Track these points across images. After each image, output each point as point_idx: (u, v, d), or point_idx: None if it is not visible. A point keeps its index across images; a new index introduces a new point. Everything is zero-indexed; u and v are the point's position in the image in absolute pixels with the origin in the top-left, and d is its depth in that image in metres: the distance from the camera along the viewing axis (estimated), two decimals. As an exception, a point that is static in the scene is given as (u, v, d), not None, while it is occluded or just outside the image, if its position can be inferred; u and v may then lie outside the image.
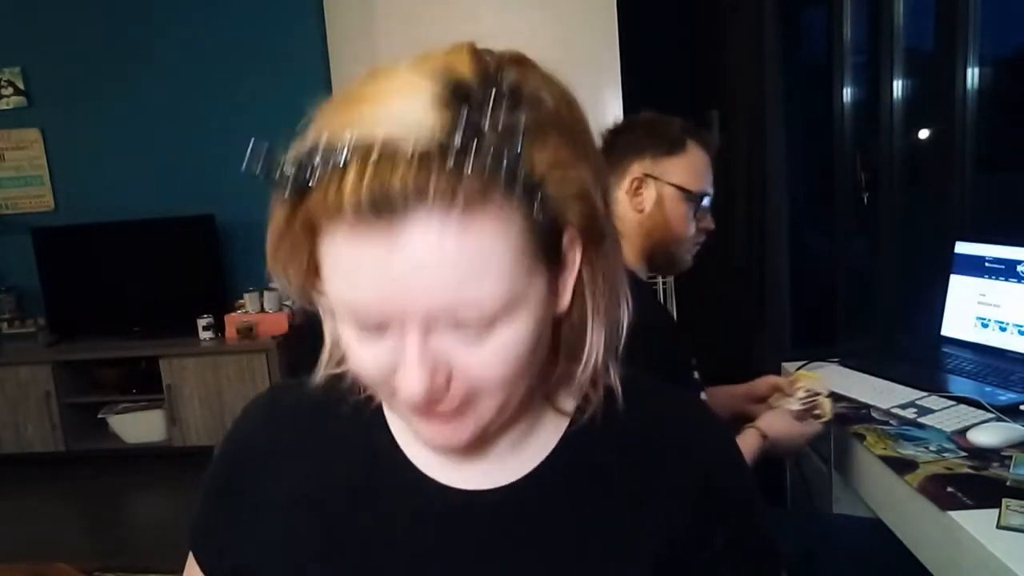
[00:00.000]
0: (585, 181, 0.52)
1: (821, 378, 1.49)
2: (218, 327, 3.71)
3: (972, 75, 2.02)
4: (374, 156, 0.46)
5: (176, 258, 3.88)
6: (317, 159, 0.47)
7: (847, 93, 2.74)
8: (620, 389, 0.62)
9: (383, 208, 0.46)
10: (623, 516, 0.63)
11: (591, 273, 0.56)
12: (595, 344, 0.58)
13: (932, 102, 2.22)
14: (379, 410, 0.66)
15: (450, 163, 0.46)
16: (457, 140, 0.46)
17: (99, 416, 3.72)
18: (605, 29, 3.26)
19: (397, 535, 0.62)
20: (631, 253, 1.37)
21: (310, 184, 0.48)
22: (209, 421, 3.58)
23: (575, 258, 0.55)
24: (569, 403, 0.64)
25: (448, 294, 0.49)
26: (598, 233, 0.55)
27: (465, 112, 0.47)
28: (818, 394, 1.43)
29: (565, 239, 0.54)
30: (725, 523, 0.65)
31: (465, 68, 0.50)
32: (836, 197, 2.82)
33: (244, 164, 0.50)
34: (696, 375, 1.36)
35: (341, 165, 0.47)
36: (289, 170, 0.49)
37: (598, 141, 0.70)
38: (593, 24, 3.26)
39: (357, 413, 0.65)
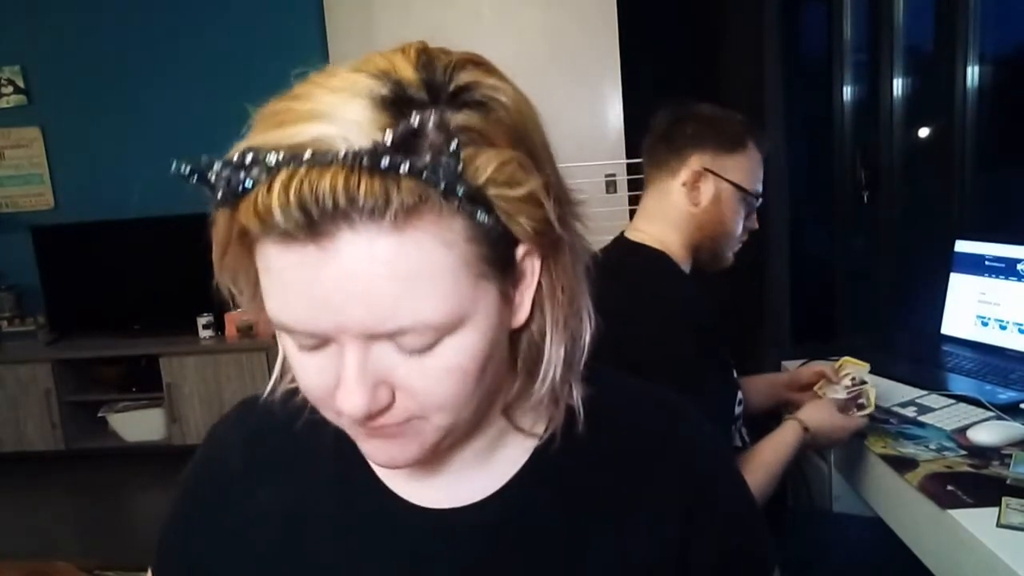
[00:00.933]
0: (535, 188, 0.49)
1: (866, 366, 1.46)
2: (218, 325, 3.71)
3: (972, 74, 2.01)
4: (304, 158, 0.43)
5: (176, 256, 3.85)
6: (248, 161, 0.44)
7: (847, 92, 2.74)
8: (582, 410, 0.59)
9: (311, 215, 0.43)
10: (606, 530, 0.61)
11: (550, 284, 0.54)
12: (554, 359, 0.55)
13: (932, 100, 2.22)
14: None
15: (384, 165, 0.43)
16: (391, 141, 0.43)
17: (99, 414, 3.72)
18: (605, 29, 3.25)
19: (371, 555, 0.62)
20: (678, 246, 1.36)
21: (241, 190, 0.45)
22: (209, 420, 3.56)
23: (533, 269, 0.53)
24: (532, 422, 0.62)
25: (384, 310, 0.46)
26: (552, 242, 0.52)
27: (403, 113, 0.45)
28: (864, 383, 1.40)
29: (520, 250, 0.51)
30: (715, 534, 0.63)
31: (409, 69, 0.48)
32: (836, 196, 2.82)
33: (172, 167, 0.47)
34: (735, 373, 1.35)
35: (271, 169, 0.44)
36: (221, 175, 0.45)
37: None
38: (593, 24, 3.26)
39: (328, 429, 0.62)
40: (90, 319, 3.93)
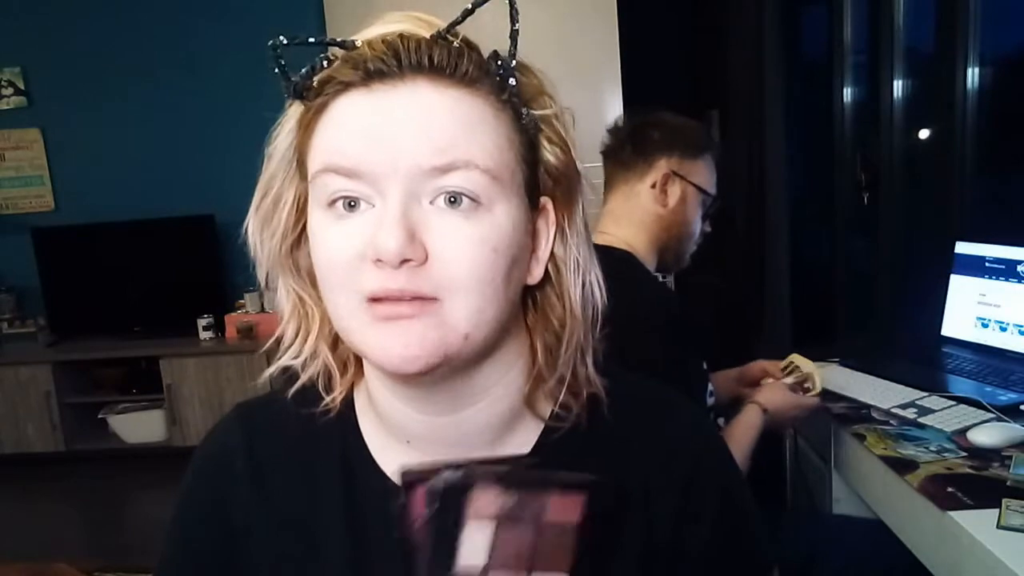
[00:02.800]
0: (556, 110, 0.59)
1: (811, 363, 1.54)
2: (218, 327, 3.71)
3: (972, 75, 2.02)
4: (388, 33, 0.54)
5: (176, 258, 3.88)
6: (334, 49, 0.55)
7: (847, 93, 2.74)
8: (604, 394, 0.62)
9: (400, 59, 0.52)
10: (604, 517, 0.62)
11: (563, 245, 0.60)
12: (569, 322, 0.60)
13: (932, 102, 2.23)
14: (354, 425, 0.65)
15: (455, 45, 0.54)
16: (458, 40, 0.54)
17: (99, 416, 3.72)
18: (605, 29, 3.25)
19: (381, 549, 0.62)
20: (645, 247, 1.41)
21: (325, 66, 0.54)
22: (209, 421, 3.56)
23: (548, 224, 0.59)
24: (545, 407, 0.63)
25: (442, 141, 0.52)
26: (567, 182, 0.59)
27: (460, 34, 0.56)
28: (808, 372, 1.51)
29: (541, 201, 0.59)
30: (707, 524, 0.64)
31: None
32: (836, 197, 2.82)
33: (271, 64, 0.55)
34: (704, 365, 1.38)
35: (356, 46, 0.54)
36: (306, 69, 0.55)
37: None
38: (593, 24, 3.26)
39: (331, 429, 0.64)
40: (90, 321, 3.93)
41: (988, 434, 1.28)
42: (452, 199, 0.52)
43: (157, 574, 0.70)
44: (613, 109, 3.23)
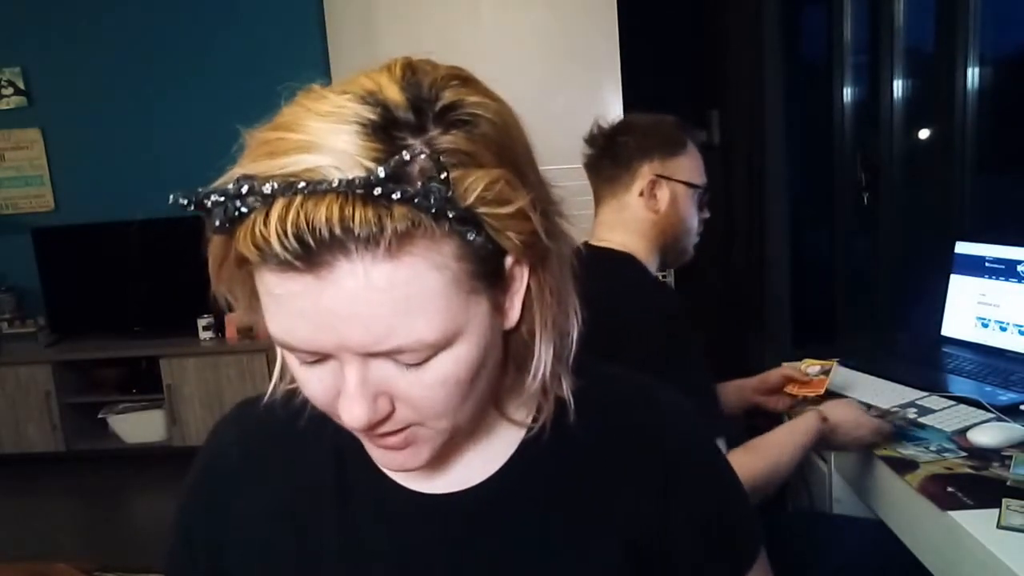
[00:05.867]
0: (523, 204, 0.50)
1: (829, 363, 1.52)
2: (218, 327, 3.71)
3: (972, 75, 2.02)
4: (299, 188, 0.44)
5: (176, 258, 3.86)
6: (244, 190, 0.45)
7: (847, 93, 2.74)
8: (572, 400, 0.61)
9: (308, 245, 0.44)
10: (590, 511, 0.63)
11: (538, 287, 0.55)
12: (544, 356, 0.57)
13: (932, 102, 2.23)
14: None
15: (376, 193, 0.44)
16: (382, 171, 0.44)
17: (99, 416, 3.72)
18: (605, 29, 3.25)
19: (371, 543, 0.63)
20: (644, 251, 1.38)
21: (238, 215, 0.46)
22: (209, 421, 3.56)
23: (522, 276, 0.54)
24: (522, 413, 0.64)
25: (381, 331, 0.48)
26: (540, 253, 0.53)
27: (392, 137, 0.46)
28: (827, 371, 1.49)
29: (509, 260, 0.52)
30: (693, 513, 0.65)
31: (395, 88, 0.49)
32: (836, 197, 2.82)
33: (170, 198, 0.48)
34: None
35: (266, 198, 0.45)
36: (217, 203, 0.46)
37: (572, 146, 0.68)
38: (593, 24, 3.26)
39: (326, 423, 0.64)
40: (90, 321, 3.93)
41: (988, 434, 1.28)
42: None
43: (164, 567, 0.71)
44: (613, 109, 3.23)
